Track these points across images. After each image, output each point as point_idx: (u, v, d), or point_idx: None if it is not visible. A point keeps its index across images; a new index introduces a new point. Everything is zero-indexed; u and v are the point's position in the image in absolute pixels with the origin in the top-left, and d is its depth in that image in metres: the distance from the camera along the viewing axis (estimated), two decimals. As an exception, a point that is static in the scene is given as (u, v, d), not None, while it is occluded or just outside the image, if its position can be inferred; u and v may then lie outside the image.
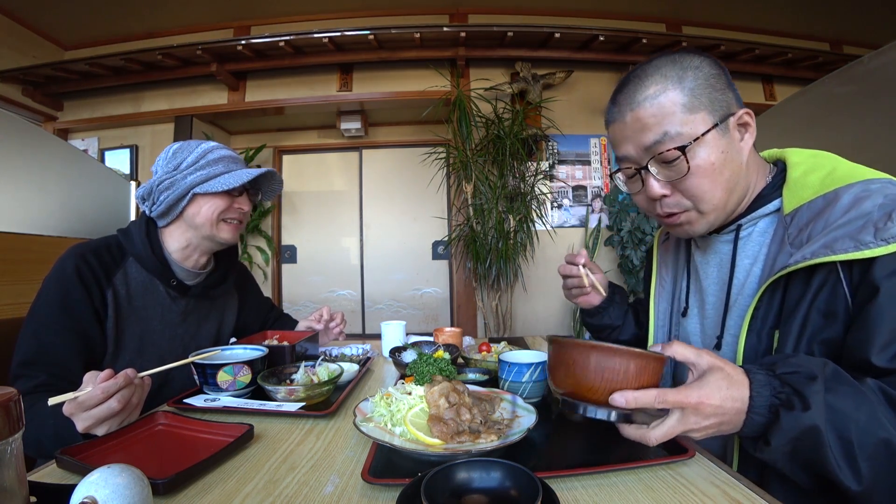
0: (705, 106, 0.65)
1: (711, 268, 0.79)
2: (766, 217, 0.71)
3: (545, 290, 3.40)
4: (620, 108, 0.70)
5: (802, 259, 0.59)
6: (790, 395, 0.52)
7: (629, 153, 0.70)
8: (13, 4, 3.22)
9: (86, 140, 3.76)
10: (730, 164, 0.67)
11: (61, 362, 0.84)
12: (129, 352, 0.95)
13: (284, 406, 0.82)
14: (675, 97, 0.65)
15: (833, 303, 0.59)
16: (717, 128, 0.65)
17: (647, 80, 0.67)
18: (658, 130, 0.66)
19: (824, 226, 0.60)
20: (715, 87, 0.66)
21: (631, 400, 0.54)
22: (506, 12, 3.57)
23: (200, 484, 0.57)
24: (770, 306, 0.65)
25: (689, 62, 0.66)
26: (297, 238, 4.13)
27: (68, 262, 0.89)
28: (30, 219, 1.50)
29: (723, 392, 0.53)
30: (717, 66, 0.67)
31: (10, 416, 0.33)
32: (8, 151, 1.47)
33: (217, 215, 1.00)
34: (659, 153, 0.66)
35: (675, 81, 0.65)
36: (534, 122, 3.34)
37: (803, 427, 0.50)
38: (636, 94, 0.67)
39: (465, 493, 0.48)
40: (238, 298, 1.23)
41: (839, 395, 0.51)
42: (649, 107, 0.66)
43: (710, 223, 0.71)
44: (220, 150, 1.02)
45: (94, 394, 0.66)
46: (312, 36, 3.11)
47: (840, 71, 2.05)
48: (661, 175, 0.68)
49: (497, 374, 0.89)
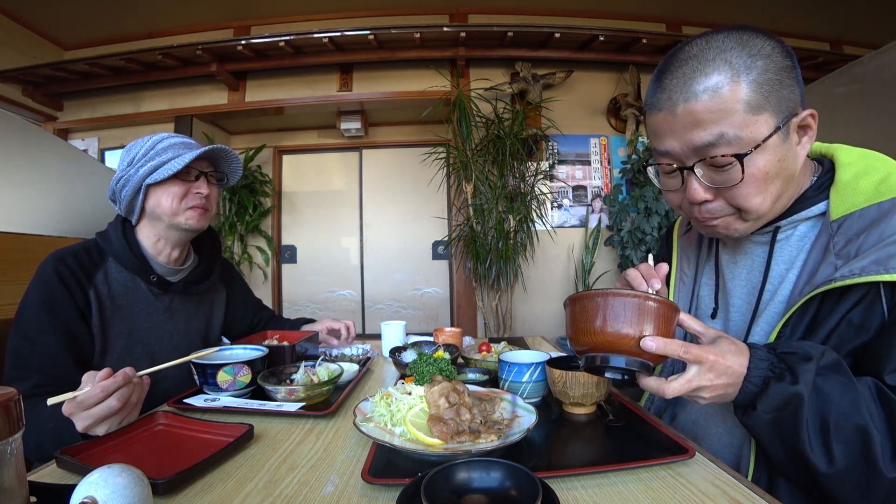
0: (772, 105, 0.56)
1: (740, 269, 0.73)
2: (808, 221, 0.65)
3: (545, 290, 3.40)
4: (671, 95, 0.59)
5: (851, 275, 0.54)
6: (783, 370, 0.54)
7: (673, 149, 0.61)
8: (13, 4, 3.22)
9: (86, 140, 3.76)
10: (784, 172, 0.59)
11: (52, 363, 0.85)
12: (117, 350, 0.95)
13: (284, 406, 0.82)
14: (739, 92, 0.55)
15: (868, 318, 0.55)
16: (779, 132, 0.56)
17: (708, 66, 0.56)
18: (714, 130, 0.56)
19: (878, 239, 0.55)
20: (784, 83, 0.56)
21: (661, 345, 0.54)
22: (506, 12, 3.57)
23: (200, 484, 0.57)
24: (802, 317, 0.60)
25: (759, 48, 0.56)
26: (297, 238, 4.13)
27: (48, 266, 0.90)
28: (30, 219, 1.50)
29: (732, 356, 0.55)
30: (789, 57, 0.57)
31: (10, 416, 0.33)
32: (8, 151, 1.47)
33: (177, 204, 0.98)
34: (711, 156, 0.57)
35: (742, 72, 0.55)
36: (534, 122, 3.34)
37: (787, 395, 0.52)
38: (693, 82, 0.57)
39: (465, 493, 0.48)
40: (226, 293, 1.22)
41: (829, 380, 0.53)
42: (708, 100, 0.56)
43: (748, 229, 0.65)
44: (169, 139, 1.00)
45: (93, 392, 0.66)
46: (312, 36, 3.10)
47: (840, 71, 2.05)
48: (707, 179, 0.60)
49: (497, 374, 0.89)
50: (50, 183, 1.60)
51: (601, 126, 3.55)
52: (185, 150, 0.99)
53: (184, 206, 0.99)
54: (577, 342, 0.59)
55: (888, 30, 3.42)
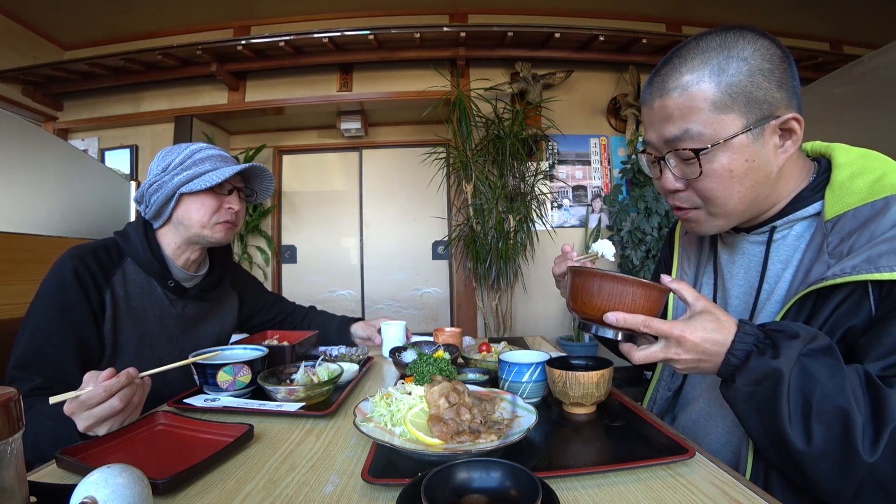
0: (739, 106, 0.58)
1: (738, 268, 0.75)
2: (804, 220, 0.66)
3: (545, 290, 3.40)
4: (652, 91, 0.65)
5: (842, 273, 0.55)
6: (766, 346, 0.55)
7: (652, 140, 0.67)
8: (13, 4, 3.22)
9: (86, 140, 3.76)
10: (755, 173, 0.61)
11: (57, 365, 0.84)
12: (127, 354, 0.95)
13: (284, 406, 0.82)
14: (706, 91, 0.59)
15: (856, 315, 0.56)
16: (750, 132, 0.59)
17: (684, 65, 0.61)
18: (681, 125, 0.61)
19: (869, 238, 0.56)
20: (759, 86, 0.58)
21: (621, 320, 0.60)
22: (506, 12, 3.57)
23: (200, 484, 0.57)
24: (798, 315, 0.61)
25: (738, 50, 0.59)
26: (297, 238, 4.13)
27: (66, 265, 0.89)
28: (30, 219, 1.50)
29: (705, 333, 0.57)
30: (772, 60, 0.59)
31: (10, 416, 0.33)
32: (8, 151, 1.47)
33: (208, 217, 0.99)
34: (676, 148, 0.63)
35: (714, 72, 0.59)
36: (534, 122, 3.34)
37: (766, 370, 0.53)
38: (668, 80, 0.62)
39: (465, 493, 0.48)
40: (238, 297, 1.23)
41: (817, 362, 0.53)
42: (677, 97, 0.60)
43: (720, 227, 0.68)
44: (207, 150, 1.01)
45: (96, 392, 0.65)
46: (312, 36, 3.11)
47: (840, 71, 2.05)
48: (677, 170, 0.65)
49: (497, 374, 0.89)
50: (50, 183, 1.60)
51: (601, 126, 3.55)
52: (222, 163, 1.01)
53: (214, 219, 1.00)
54: (573, 307, 0.69)
55: (888, 30, 3.42)
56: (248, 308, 1.26)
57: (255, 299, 1.28)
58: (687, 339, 0.57)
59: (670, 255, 0.92)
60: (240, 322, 1.24)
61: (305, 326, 1.34)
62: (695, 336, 0.57)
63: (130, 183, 1.94)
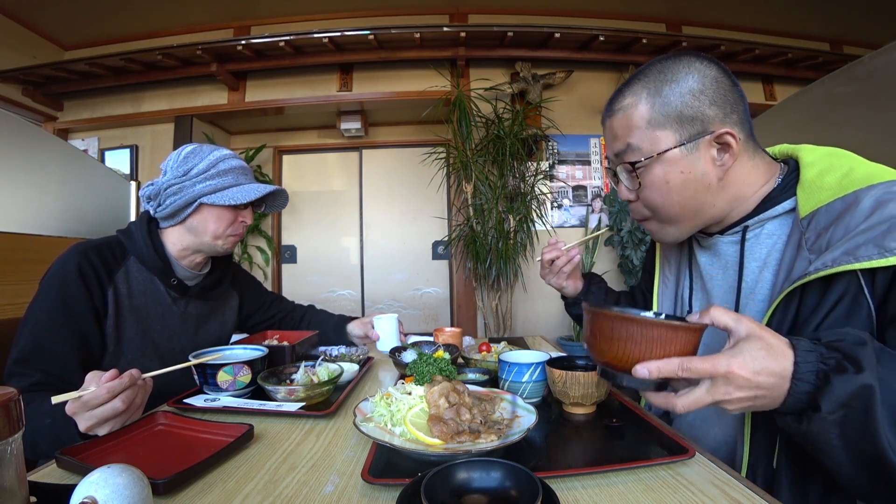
0: (672, 123, 0.65)
1: (716, 270, 0.76)
2: (776, 219, 0.69)
3: (545, 290, 3.40)
4: (604, 113, 0.74)
5: (823, 267, 0.56)
6: (840, 359, 0.49)
7: (609, 155, 0.75)
8: (13, 4, 3.22)
9: (86, 140, 3.76)
10: (691, 184, 0.66)
11: (57, 361, 0.84)
12: (130, 351, 0.95)
13: (284, 406, 0.82)
14: (643, 111, 0.67)
15: (855, 312, 0.56)
16: (683, 147, 0.65)
17: (627, 90, 0.69)
18: (624, 141, 0.69)
19: (845, 231, 0.57)
20: (690, 105, 0.64)
21: (654, 370, 0.52)
22: (506, 12, 3.57)
23: (200, 484, 0.57)
24: (785, 315, 0.61)
25: (673, 73, 0.66)
26: (297, 238, 4.13)
27: (70, 261, 0.89)
28: (30, 219, 1.50)
29: (758, 363, 0.49)
30: (703, 81, 0.65)
31: (10, 416, 0.33)
32: (8, 151, 1.47)
33: (223, 229, 1.01)
34: (623, 162, 0.70)
35: (651, 94, 0.66)
36: (534, 122, 3.34)
37: (856, 387, 0.46)
38: (615, 103, 0.71)
39: (465, 493, 0.48)
40: (238, 297, 1.23)
41: (888, 366, 0.48)
42: (620, 117, 0.69)
43: (675, 234, 0.73)
44: (231, 160, 1.02)
45: (99, 393, 0.65)
46: (312, 36, 3.10)
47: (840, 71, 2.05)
48: (627, 181, 0.72)
49: (497, 374, 0.89)
50: (50, 183, 1.60)
51: (601, 126, 3.54)
52: (244, 177, 1.03)
53: (228, 232, 1.03)
54: (593, 354, 0.60)
55: (888, 30, 3.42)
56: (247, 307, 1.26)
57: (254, 299, 1.28)
58: (737, 374, 0.49)
59: (653, 261, 0.95)
60: (239, 321, 1.24)
61: (304, 326, 1.34)
62: (746, 370, 0.49)
63: (130, 183, 1.94)
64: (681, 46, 3.30)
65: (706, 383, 0.51)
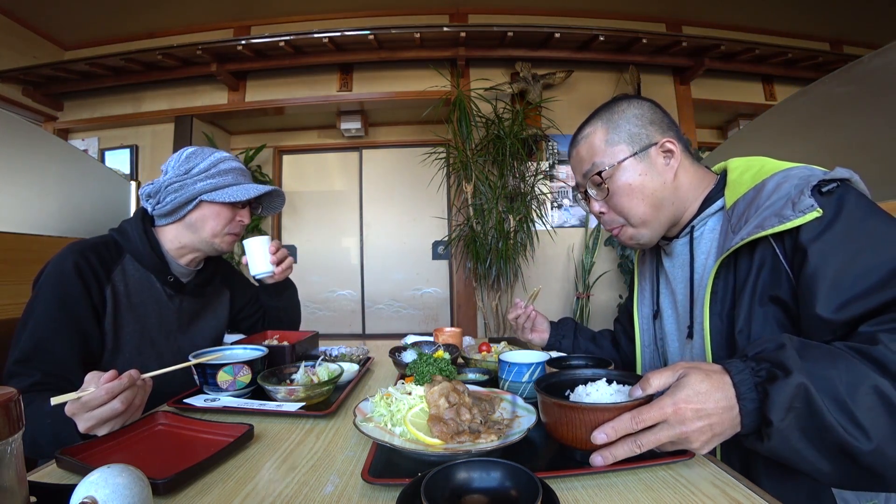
0: (624, 139, 0.81)
1: (677, 269, 0.88)
2: (714, 215, 0.81)
3: (545, 291, 3.40)
4: (570, 147, 0.90)
5: (740, 239, 0.69)
6: (769, 368, 0.53)
7: (578, 180, 0.88)
8: (13, 4, 3.22)
9: (86, 140, 3.76)
10: (650, 183, 0.80)
11: (57, 361, 0.84)
12: (128, 349, 0.95)
13: (284, 406, 0.82)
14: (601, 135, 0.82)
15: (777, 271, 0.67)
16: (636, 156, 0.80)
17: (586, 125, 0.86)
18: (589, 161, 0.83)
19: (756, 209, 0.69)
20: (635, 125, 0.81)
21: (610, 433, 0.54)
22: (506, 12, 3.57)
23: (200, 484, 0.57)
24: (726, 288, 0.73)
25: (617, 107, 0.83)
26: (297, 238, 4.13)
27: (67, 260, 0.89)
28: (30, 219, 1.50)
29: (701, 393, 0.53)
30: (641, 108, 0.82)
31: (10, 416, 0.32)
32: (8, 151, 1.47)
33: (221, 227, 1.03)
34: (591, 178, 0.83)
35: (604, 122, 0.83)
36: (534, 122, 3.34)
37: (791, 389, 0.51)
38: (578, 135, 0.87)
39: (465, 493, 0.48)
40: (229, 292, 1.23)
41: (812, 358, 0.53)
42: (584, 144, 0.85)
43: (649, 237, 0.83)
44: (231, 162, 1.06)
45: (98, 394, 0.65)
46: (312, 36, 3.11)
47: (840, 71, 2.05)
48: (597, 195, 0.84)
49: (497, 374, 0.89)
50: (50, 183, 1.60)
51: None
52: (243, 178, 1.07)
53: (226, 230, 1.05)
54: (553, 435, 0.61)
55: (888, 30, 3.42)
56: (238, 302, 1.26)
57: (243, 293, 1.27)
58: (683, 408, 0.52)
59: (633, 279, 1.07)
60: (231, 316, 1.24)
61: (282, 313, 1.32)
62: (691, 403, 0.52)
63: (130, 183, 1.94)
64: (680, 46, 3.30)
65: (662, 426, 0.53)
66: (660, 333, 0.92)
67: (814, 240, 0.62)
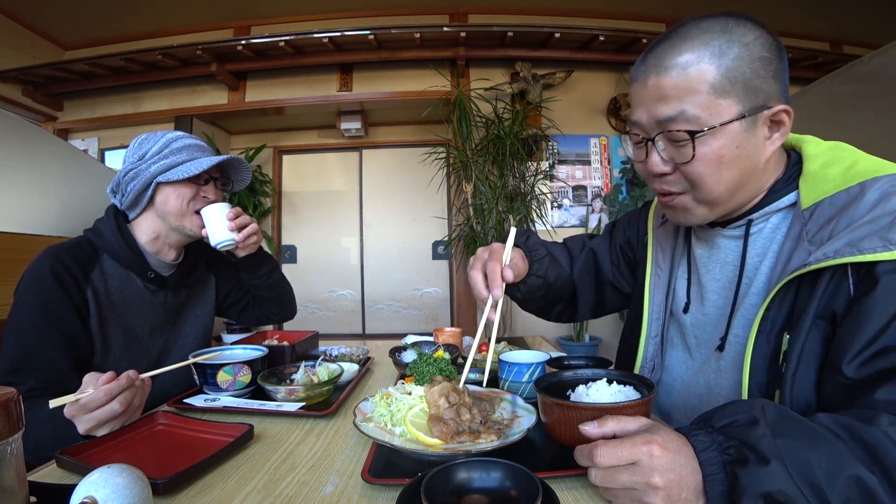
0: (738, 93, 0.58)
1: (714, 264, 0.73)
2: (780, 212, 0.66)
3: (545, 290, 3.39)
4: (647, 67, 0.62)
5: (824, 258, 0.54)
6: (738, 446, 0.46)
7: (641, 119, 0.64)
8: (13, 4, 3.22)
9: (86, 140, 3.76)
10: (743, 161, 0.60)
11: (49, 366, 0.83)
12: (116, 349, 0.94)
13: (284, 406, 0.82)
14: (707, 73, 0.57)
15: (837, 300, 0.55)
16: (743, 120, 0.58)
17: (684, 44, 0.59)
18: (676, 106, 0.59)
19: (848, 222, 0.55)
20: (758, 74, 0.58)
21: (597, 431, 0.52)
22: (506, 12, 3.57)
23: (200, 484, 0.57)
24: (781, 307, 0.60)
25: (740, 35, 0.58)
26: (297, 238, 4.13)
27: (43, 265, 0.87)
28: (30, 219, 1.50)
29: (672, 440, 0.48)
30: (770, 50, 0.59)
31: (10, 416, 0.33)
32: (8, 151, 1.47)
33: (186, 205, 0.99)
34: (669, 130, 0.60)
35: (715, 55, 0.57)
36: (534, 122, 3.34)
37: (768, 484, 0.43)
38: (666, 57, 0.60)
39: (465, 493, 0.48)
40: (213, 278, 1.20)
41: (789, 435, 0.46)
42: (675, 77, 0.59)
43: (705, 216, 0.66)
44: (184, 139, 1.01)
45: (96, 396, 0.65)
46: (312, 36, 3.10)
47: (840, 71, 2.05)
48: (666, 153, 0.63)
49: (497, 374, 0.89)
50: (50, 183, 1.60)
51: (601, 126, 3.55)
52: (199, 153, 1.01)
53: (191, 208, 1.00)
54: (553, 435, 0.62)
55: (888, 30, 3.42)
56: (223, 287, 1.22)
57: (228, 277, 1.23)
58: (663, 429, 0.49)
59: (638, 242, 0.91)
60: (218, 303, 1.21)
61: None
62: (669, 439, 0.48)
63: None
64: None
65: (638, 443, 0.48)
66: (672, 330, 0.80)
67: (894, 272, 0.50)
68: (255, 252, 1.12)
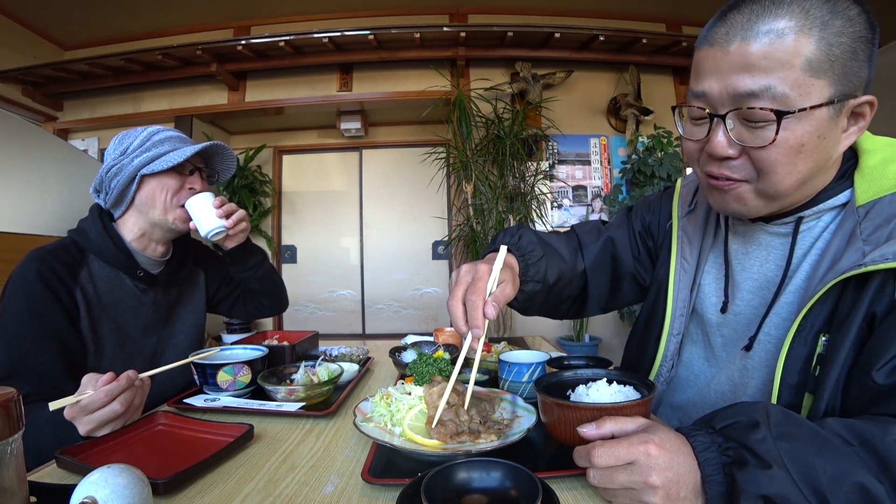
0: (835, 73, 0.50)
1: (752, 261, 0.68)
2: (832, 210, 0.60)
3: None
4: (729, 30, 0.53)
5: (882, 259, 0.49)
6: (737, 448, 0.45)
7: (711, 91, 0.54)
8: (13, 4, 3.22)
9: (86, 140, 3.76)
10: (820, 154, 0.53)
11: (41, 372, 0.82)
12: (109, 350, 0.94)
13: (284, 406, 0.82)
14: (804, 46, 0.49)
15: (877, 302, 0.51)
16: (831, 106, 0.51)
17: (782, 7, 0.50)
18: (762, 80, 0.50)
19: None
20: (856, 55, 0.50)
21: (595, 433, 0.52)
22: (506, 12, 3.57)
23: (200, 484, 0.57)
24: (821, 308, 0.55)
25: (844, 7, 0.50)
26: (297, 238, 4.13)
27: (29, 268, 0.86)
28: (30, 219, 1.50)
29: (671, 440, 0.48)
30: (871, 30, 0.51)
31: (10, 416, 0.33)
32: (8, 151, 1.47)
33: (171, 198, 0.97)
34: (749, 107, 0.52)
35: (817, 25, 0.49)
36: (534, 122, 3.34)
37: (765, 489, 0.43)
38: (759, 21, 0.50)
39: (465, 493, 0.48)
40: (203, 273, 1.19)
41: (794, 438, 0.45)
42: (767, 44, 0.50)
43: (759, 210, 0.59)
44: (166, 132, 1.00)
45: (97, 397, 0.65)
46: (312, 36, 3.10)
47: (840, 71, 2.04)
48: (735, 133, 0.54)
49: (497, 374, 0.89)
50: (50, 183, 1.60)
51: (601, 126, 3.55)
52: (181, 144, 1.00)
53: (175, 202, 0.98)
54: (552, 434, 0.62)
55: (888, 30, 3.42)
56: (213, 282, 1.21)
57: (216, 271, 1.22)
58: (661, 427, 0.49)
59: (660, 231, 0.84)
60: (208, 298, 1.19)
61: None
62: (668, 437, 0.48)
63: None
64: (680, 46, 3.29)
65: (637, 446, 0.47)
66: (694, 329, 0.76)
67: None
68: (243, 243, 1.09)
